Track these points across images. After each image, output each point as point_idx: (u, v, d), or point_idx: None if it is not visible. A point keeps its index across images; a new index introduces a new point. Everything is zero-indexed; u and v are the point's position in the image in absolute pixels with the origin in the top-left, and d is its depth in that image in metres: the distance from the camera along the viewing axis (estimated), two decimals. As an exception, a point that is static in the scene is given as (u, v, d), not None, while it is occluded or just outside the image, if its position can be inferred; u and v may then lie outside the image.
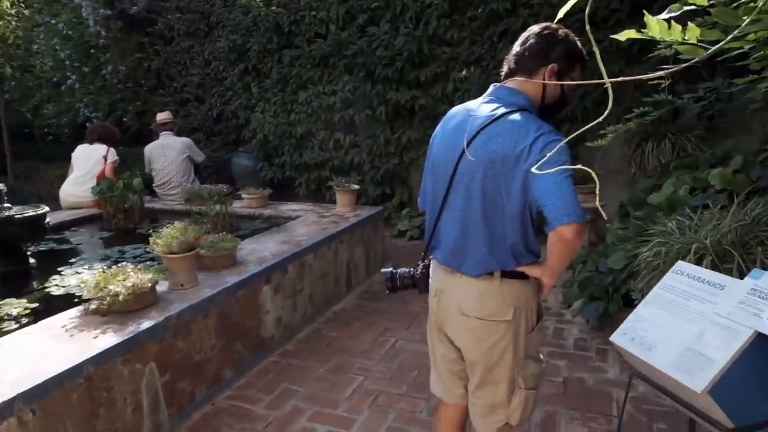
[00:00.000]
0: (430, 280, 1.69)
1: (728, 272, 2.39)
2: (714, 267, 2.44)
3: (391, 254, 5.20)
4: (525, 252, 1.47)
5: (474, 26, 5.60)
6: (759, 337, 1.57)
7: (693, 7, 1.10)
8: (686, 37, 0.77)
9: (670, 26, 0.79)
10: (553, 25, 1.50)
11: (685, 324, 1.73)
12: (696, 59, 1.08)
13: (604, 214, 0.85)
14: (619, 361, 2.97)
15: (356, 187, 4.72)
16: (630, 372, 1.97)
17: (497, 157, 1.39)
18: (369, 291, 4.28)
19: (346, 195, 4.62)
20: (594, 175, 0.73)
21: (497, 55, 5.41)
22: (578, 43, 1.50)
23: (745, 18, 1.34)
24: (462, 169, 1.47)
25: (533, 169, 1.31)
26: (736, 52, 1.44)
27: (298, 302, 3.45)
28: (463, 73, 5.71)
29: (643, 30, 0.82)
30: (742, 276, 2.38)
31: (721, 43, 1.13)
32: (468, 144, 1.45)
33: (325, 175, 6.60)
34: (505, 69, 1.57)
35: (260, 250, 3.41)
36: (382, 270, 1.76)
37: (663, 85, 2.46)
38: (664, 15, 1.26)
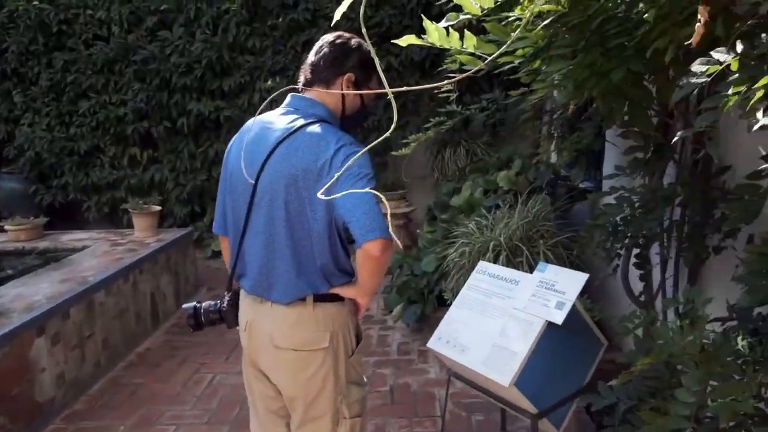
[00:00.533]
0: (239, 312, 1.52)
1: (519, 265, 2.67)
2: (508, 261, 2.70)
3: (206, 278, 4.80)
4: (337, 272, 1.40)
5: (276, 36, 5.49)
6: (549, 325, 1.73)
7: (468, 17, 1.12)
8: (464, 46, 0.73)
9: (448, 34, 0.75)
10: (346, 34, 1.46)
11: (490, 321, 1.84)
12: (473, 70, 1.12)
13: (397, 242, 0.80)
14: (438, 360, 3.12)
15: (157, 208, 4.23)
16: (448, 373, 2.05)
17: (298, 172, 1.31)
18: (180, 323, 3.86)
19: (145, 218, 4.11)
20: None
21: (302, 65, 5.38)
22: (372, 52, 1.48)
23: (513, 34, 1.45)
24: (263, 187, 1.36)
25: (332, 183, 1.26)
26: (508, 67, 1.56)
27: (87, 351, 2.92)
28: (269, 83, 5.55)
29: (423, 36, 0.77)
30: (531, 268, 2.67)
31: (491, 57, 1.19)
32: (267, 159, 1.35)
33: (120, 196, 5.84)
34: (302, 79, 1.48)
35: (29, 294, 2.80)
36: (184, 306, 1.54)
37: (452, 97, 2.63)
38: (443, 23, 1.30)
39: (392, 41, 1.12)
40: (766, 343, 1.23)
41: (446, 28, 1.12)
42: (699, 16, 0.88)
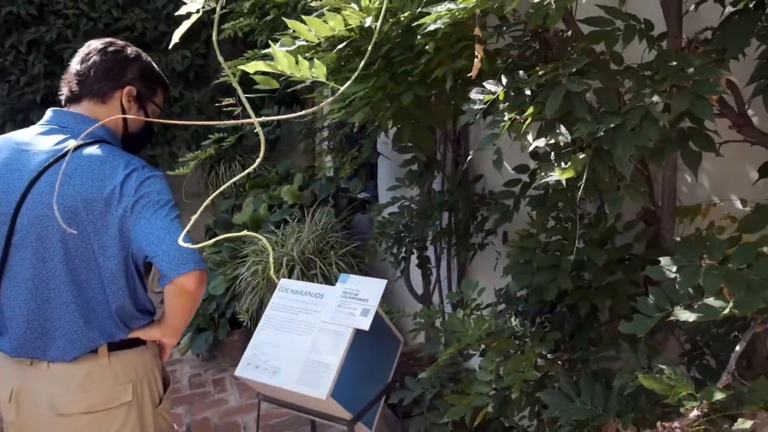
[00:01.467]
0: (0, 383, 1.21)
1: (314, 278, 2.72)
2: (303, 275, 2.73)
3: None
4: (136, 313, 1.24)
5: (-11, 31, 4.51)
6: (357, 332, 1.81)
7: (303, 43, 1.12)
8: (315, 74, 0.74)
9: (297, 62, 0.75)
10: (119, 42, 1.29)
11: (299, 338, 1.84)
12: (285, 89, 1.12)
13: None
14: (237, 385, 2.97)
15: None
16: (258, 398, 1.97)
17: (78, 203, 1.12)
18: None
19: None
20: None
21: (30, 69, 4.53)
22: (153, 63, 1.35)
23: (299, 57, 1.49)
24: (24, 224, 1.14)
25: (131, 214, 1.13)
26: (296, 87, 1.59)
27: None
28: (-14, 90, 4.53)
29: (270, 63, 0.75)
30: (325, 279, 2.76)
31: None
32: (28, 189, 1.13)
33: None
34: (65, 91, 1.25)
35: None
36: None
37: (236, 112, 2.55)
38: (279, 48, 1.26)
39: (241, 67, 1.02)
40: (530, 321, 1.51)
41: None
42: (476, 53, 1.04)
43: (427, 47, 1.21)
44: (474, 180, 2.29)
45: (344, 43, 1.29)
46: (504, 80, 1.10)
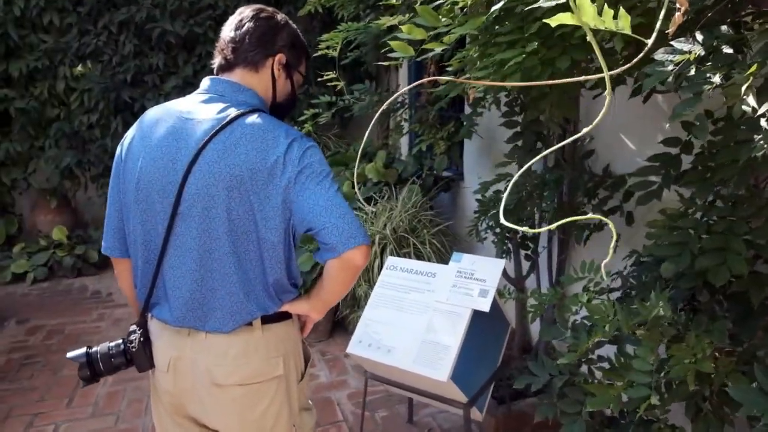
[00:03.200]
0: (155, 350, 1.22)
1: (407, 255, 2.67)
2: (395, 253, 2.68)
3: (10, 309, 3.90)
4: (288, 286, 1.21)
5: (82, 12, 4.65)
6: (473, 312, 1.74)
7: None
8: (621, 27, 0.64)
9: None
10: (269, 8, 1.25)
11: (413, 317, 1.79)
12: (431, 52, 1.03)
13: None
14: (325, 361, 2.99)
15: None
16: (365, 376, 1.95)
17: (244, 172, 1.09)
18: (-10, 368, 3.06)
19: None
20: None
21: (120, 48, 4.66)
22: (299, 31, 1.30)
23: (444, 20, 1.40)
24: (191, 193, 1.11)
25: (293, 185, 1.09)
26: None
27: None
28: (78, 68, 4.69)
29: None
30: (418, 258, 2.70)
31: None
32: (195, 158, 1.10)
33: None
34: (218, 60, 1.23)
35: None
36: (70, 355, 1.17)
37: (339, 86, 2.51)
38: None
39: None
40: (689, 310, 1.39)
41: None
42: (678, 6, 0.91)
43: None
44: (585, 156, 2.15)
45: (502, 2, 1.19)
46: (699, 37, 0.98)
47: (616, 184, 1.90)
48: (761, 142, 0.84)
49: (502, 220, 0.56)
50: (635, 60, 0.62)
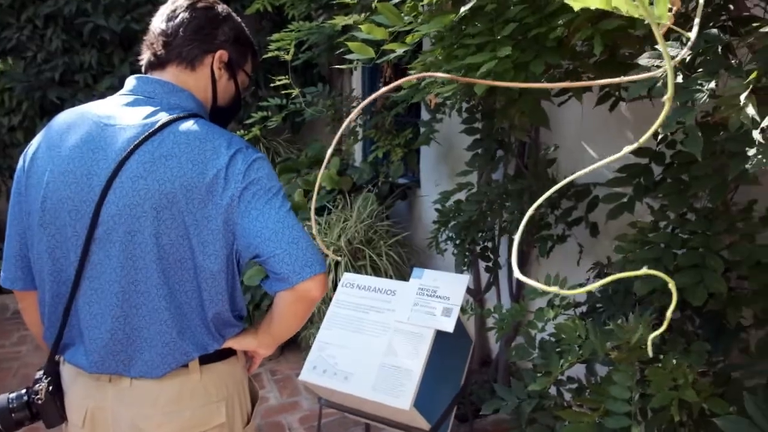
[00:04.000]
0: (67, 401, 1.03)
1: (361, 269, 2.54)
2: (350, 265, 2.55)
3: None
4: (232, 320, 1.04)
5: (3, 4, 4.25)
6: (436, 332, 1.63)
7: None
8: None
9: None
10: None
11: (372, 339, 1.66)
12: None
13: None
14: (275, 382, 2.81)
15: None
16: (320, 403, 1.80)
17: (177, 189, 0.92)
18: None
19: None
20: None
21: (47, 44, 4.29)
22: (243, 25, 1.14)
23: (406, 18, 1.29)
24: (111, 214, 0.93)
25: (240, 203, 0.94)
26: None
27: None
28: (-1, 65, 4.29)
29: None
30: (375, 271, 2.57)
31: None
32: (117, 172, 0.92)
33: None
34: (147, 56, 1.05)
35: None
36: None
37: (294, 94, 2.35)
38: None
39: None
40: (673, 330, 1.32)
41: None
42: (670, 5, 0.83)
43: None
44: (547, 164, 2.09)
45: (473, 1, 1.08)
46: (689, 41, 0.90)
47: (580, 194, 1.84)
48: (759, 156, 0.77)
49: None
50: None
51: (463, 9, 1.10)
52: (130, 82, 1.03)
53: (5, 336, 3.41)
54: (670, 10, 0.83)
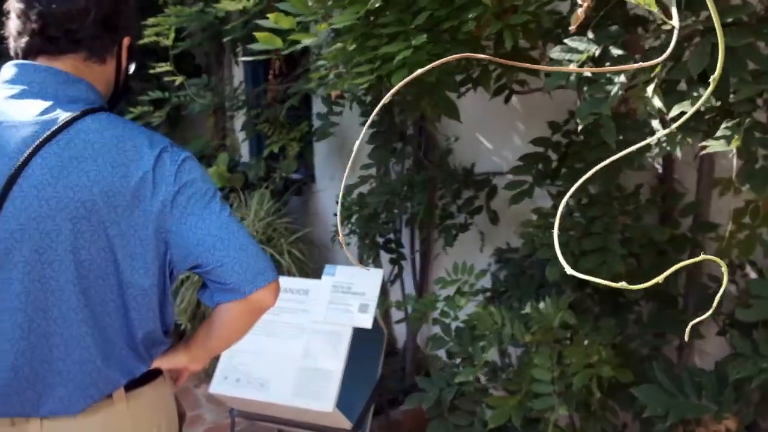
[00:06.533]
0: None
1: (263, 268, 2.42)
2: (250, 267, 2.42)
3: None
4: (162, 338, 0.94)
5: None
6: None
7: None
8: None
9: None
10: None
11: (287, 342, 1.59)
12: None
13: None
14: (208, 399, 2.59)
15: None
16: (231, 414, 1.69)
17: (96, 196, 0.80)
18: None
19: None
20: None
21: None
22: None
23: (314, 7, 1.23)
24: (11, 230, 0.80)
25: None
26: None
27: None
28: None
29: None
30: (278, 270, 2.47)
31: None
32: (14, 180, 0.79)
33: None
34: (29, 39, 0.85)
35: None
36: None
37: (178, 82, 2.14)
38: None
39: None
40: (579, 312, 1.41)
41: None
42: (581, 2, 0.87)
43: (483, -2, 1.03)
44: (445, 154, 2.15)
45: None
46: (591, 35, 0.96)
47: (480, 184, 1.91)
48: (664, 144, 0.84)
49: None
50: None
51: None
52: (9, 70, 0.85)
53: None
54: (580, 5, 0.86)
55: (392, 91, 0.44)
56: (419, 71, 0.43)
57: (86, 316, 0.83)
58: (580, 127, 0.95)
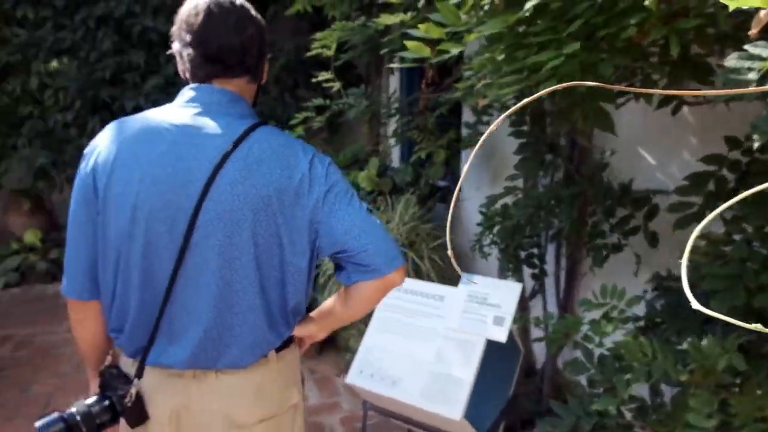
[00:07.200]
0: (149, 401, 1.06)
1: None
2: (392, 268, 2.51)
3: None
4: (302, 309, 1.13)
5: (58, 6, 4.39)
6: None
7: None
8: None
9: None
10: (245, 2, 1.08)
11: (420, 345, 1.63)
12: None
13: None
14: (315, 381, 2.81)
15: None
16: (364, 407, 1.78)
17: (271, 192, 0.99)
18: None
19: None
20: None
21: (99, 45, 4.41)
22: None
23: (464, 17, 1.24)
24: (210, 219, 0.97)
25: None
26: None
27: None
28: (53, 64, 4.43)
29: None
30: (417, 274, 2.54)
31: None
32: (212, 179, 0.97)
33: None
34: (203, 65, 1.03)
35: None
36: (39, 424, 0.97)
37: (336, 88, 2.34)
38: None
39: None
40: (752, 356, 1.24)
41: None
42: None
43: (646, 2, 0.95)
44: (601, 169, 2.01)
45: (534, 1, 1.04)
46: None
47: (638, 202, 1.76)
48: None
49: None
50: None
51: (528, 4, 1.05)
52: (189, 92, 1.04)
53: (58, 323, 3.52)
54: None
55: (527, 100, 0.44)
56: (564, 84, 0.42)
57: (258, 289, 1.01)
58: (756, 144, 0.83)
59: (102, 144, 1.01)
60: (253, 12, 1.08)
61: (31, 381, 2.83)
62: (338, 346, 3.04)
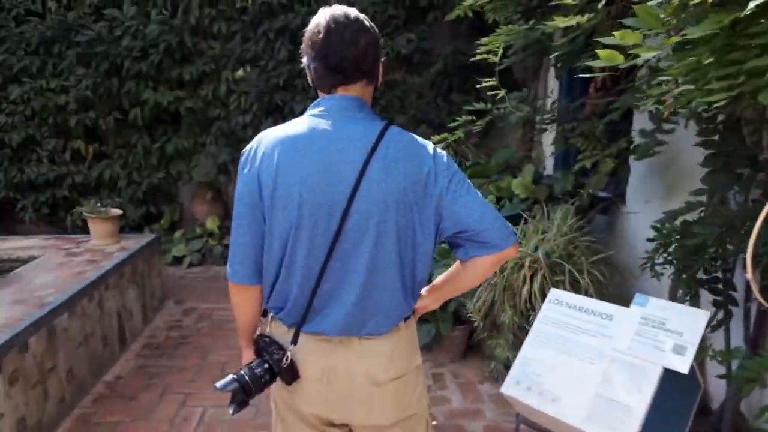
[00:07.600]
0: (301, 363, 1.25)
1: (561, 284, 2.40)
2: (547, 279, 2.43)
3: (170, 290, 4.26)
4: (423, 285, 1.32)
5: (245, 20, 4.96)
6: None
7: None
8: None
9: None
10: (360, 14, 1.20)
11: (584, 364, 1.55)
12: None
13: None
14: (458, 385, 2.82)
15: (118, 212, 3.66)
16: (517, 419, 1.74)
17: (408, 185, 1.17)
18: (151, 343, 3.34)
19: (105, 224, 3.53)
20: None
21: (276, 54, 4.90)
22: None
23: (667, 19, 1.15)
24: (361, 210, 1.16)
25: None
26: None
27: (50, 387, 2.39)
28: (239, 72, 5.02)
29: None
30: (574, 288, 2.41)
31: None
32: (361, 176, 1.15)
33: (63, 194, 5.15)
34: (331, 76, 1.18)
35: (-27, 323, 2.24)
36: (219, 385, 1.21)
37: (500, 95, 2.34)
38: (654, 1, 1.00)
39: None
40: None
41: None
42: None
43: None
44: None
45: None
46: None
47: None
48: None
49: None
50: None
51: (752, 3, 0.94)
52: (320, 104, 1.21)
53: (228, 299, 3.99)
54: None
55: None
56: None
57: (398, 267, 1.20)
58: None
59: (260, 152, 1.18)
60: (366, 23, 1.20)
61: (209, 350, 3.24)
62: (483, 354, 3.02)
